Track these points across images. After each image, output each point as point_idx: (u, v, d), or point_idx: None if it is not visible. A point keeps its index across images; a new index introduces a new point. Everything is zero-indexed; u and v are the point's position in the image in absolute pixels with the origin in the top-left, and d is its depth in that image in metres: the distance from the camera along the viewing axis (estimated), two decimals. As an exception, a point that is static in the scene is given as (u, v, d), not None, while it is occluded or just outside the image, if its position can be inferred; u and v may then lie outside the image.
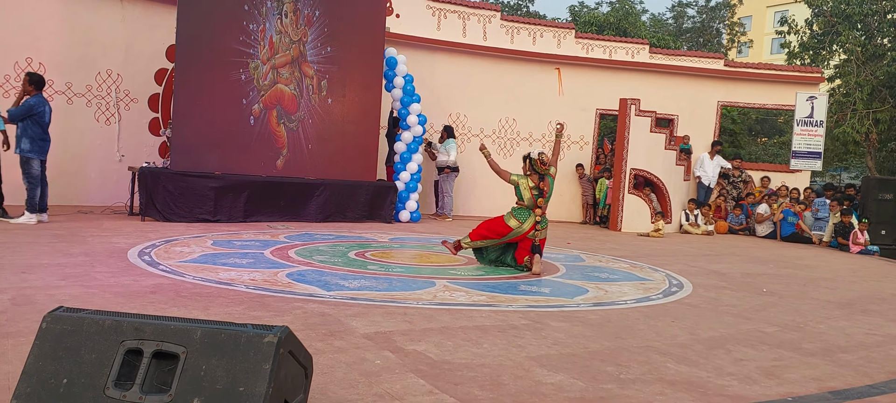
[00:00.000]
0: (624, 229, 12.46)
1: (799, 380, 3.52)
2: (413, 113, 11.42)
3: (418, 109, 11.47)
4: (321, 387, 2.87)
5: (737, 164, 14.94)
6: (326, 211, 10.19)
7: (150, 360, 2.15)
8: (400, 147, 11.46)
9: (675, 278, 6.95)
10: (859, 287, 7.41)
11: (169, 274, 5.24)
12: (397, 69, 11.48)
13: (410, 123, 11.43)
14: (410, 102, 11.46)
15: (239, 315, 4.07)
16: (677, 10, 36.69)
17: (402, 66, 11.52)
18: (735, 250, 10.55)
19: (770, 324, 4.94)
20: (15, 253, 5.68)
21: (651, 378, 3.38)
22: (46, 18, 9.83)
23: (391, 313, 4.40)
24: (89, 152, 10.27)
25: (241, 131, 9.67)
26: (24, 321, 3.60)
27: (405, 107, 11.46)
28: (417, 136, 11.48)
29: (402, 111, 11.48)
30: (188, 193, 8.88)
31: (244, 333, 2.17)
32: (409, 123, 11.44)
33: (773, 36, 36.03)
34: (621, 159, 12.60)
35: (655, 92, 14.24)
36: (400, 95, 11.49)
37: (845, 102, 19.83)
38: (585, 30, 23.77)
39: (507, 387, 3.08)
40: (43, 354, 2.19)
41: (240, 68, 9.57)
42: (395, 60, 11.47)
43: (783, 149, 23.12)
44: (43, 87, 7.96)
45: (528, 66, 14.05)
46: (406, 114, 11.45)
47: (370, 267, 6.26)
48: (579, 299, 5.45)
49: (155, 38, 10.55)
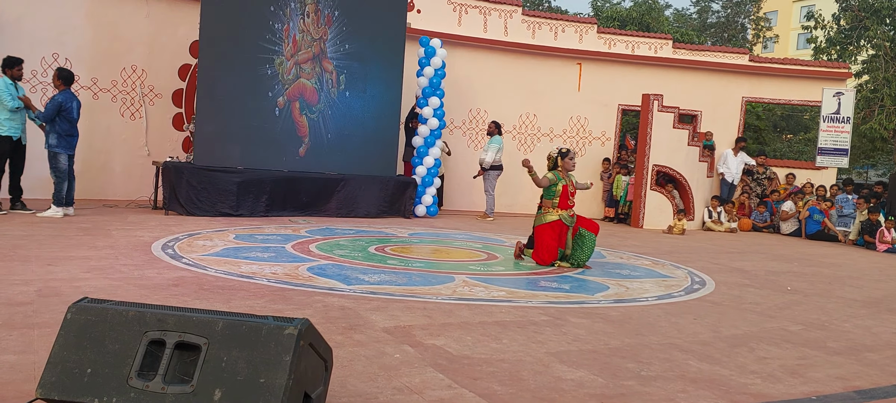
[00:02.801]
0: (646, 226, 12.35)
1: (823, 379, 3.46)
2: (431, 106, 11.37)
3: (437, 104, 11.41)
4: (341, 380, 2.88)
5: (761, 161, 14.73)
6: (347, 205, 10.24)
7: (173, 351, 2.18)
8: (417, 141, 11.43)
9: (697, 275, 6.88)
10: (886, 285, 7.28)
11: (191, 267, 5.30)
12: (433, 60, 11.43)
13: (426, 115, 11.36)
14: (432, 94, 11.41)
15: (260, 307, 4.10)
16: (701, 4, 36.26)
17: (438, 59, 11.45)
18: (759, 248, 10.42)
19: (794, 323, 4.87)
20: (41, 246, 5.78)
21: (672, 375, 3.35)
22: (72, 14, 9.97)
23: (411, 307, 4.41)
24: (115, 147, 10.41)
25: (266, 121, 9.82)
26: (50, 312, 3.66)
27: (425, 97, 11.40)
28: (434, 130, 11.44)
29: (422, 101, 11.43)
30: (211, 188, 8.96)
31: (265, 325, 2.18)
32: (425, 116, 11.38)
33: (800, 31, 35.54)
34: (644, 155, 12.49)
35: (679, 87, 14.08)
36: (425, 84, 11.41)
37: (873, 98, 19.50)
38: (608, 25, 23.58)
39: (527, 383, 3.07)
40: (68, 344, 2.23)
41: (265, 64, 9.73)
42: (434, 50, 11.42)
43: (809, 145, 22.78)
44: (71, 83, 8.11)
45: (549, 61, 13.97)
46: (423, 104, 11.40)
47: (390, 262, 6.28)
48: (600, 295, 5.42)
49: (179, 34, 10.66)
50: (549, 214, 6.75)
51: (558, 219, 6.73)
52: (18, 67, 7.99)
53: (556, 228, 6.73)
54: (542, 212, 6.84)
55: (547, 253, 6.70)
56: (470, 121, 13.70)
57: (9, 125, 7.80)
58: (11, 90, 7.80)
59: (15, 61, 7.96)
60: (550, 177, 6.79)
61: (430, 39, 11.56)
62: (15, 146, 7.95)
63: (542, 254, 6.73)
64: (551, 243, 6.71)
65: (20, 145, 8.03)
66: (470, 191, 13.26)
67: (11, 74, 7.90)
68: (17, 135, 7.92)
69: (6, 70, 7.89)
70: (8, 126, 7.80)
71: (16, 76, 7.95)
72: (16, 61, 7.97)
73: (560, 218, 6.74)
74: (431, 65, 11.47)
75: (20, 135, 7.96)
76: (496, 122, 12.09)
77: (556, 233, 6.73)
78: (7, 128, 7.80)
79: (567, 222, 6.76)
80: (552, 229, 6.73)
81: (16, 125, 7.89)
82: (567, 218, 6.76)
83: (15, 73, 7.94)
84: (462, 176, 13.15)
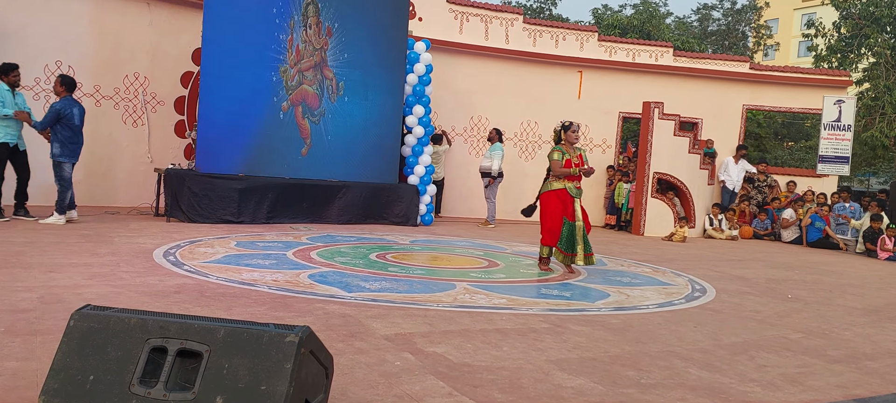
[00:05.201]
0: (647, 233, 12.36)
1: (823, 387, 3.47)
2: (415, 115, 11.20)
3: (421, 112, 11.24)
4: (341, 388, 2.89)
5: (762, 169, 14.75)
6: (348, 213, 10.26)
7: (175, 358, 2.19)
8: (405, 151, 11.35)
9: (697, 283, 6.88)
10: (887, 293, 7.28)
11: (193, 274, 5.31)
12: (415, 66, 11.28)
13: (410, 124, 11.23)
14: (415, 103, 11.27)
15: (261, 315, 4.12)
16: (702, 12, 36.32)
17: (421, 65, 11.31)
18: (760, 255, 10.42)
19: (795, 331, 4.88)
20: (43, 253, 5.79)
21: (672, 383, 3.35)
22: (75, 22, 10.02)
23: (411, 315, 4.42)
24: (117, 154, 10.45)
25: (269, 128, 9.88)
26: (52, 319, 3.67)
27: (408, 106, 11.26)
28: (421, 138, 11.33)
29: (405, 109, 11.30)
30: (212, 195, 8.99)
31: (266, 332, 2.20)
32: (409, 124, 11.25)
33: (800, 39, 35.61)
34: (644, 163, 12.51)
35: (679, 95, 14.13)
36: (408, 92, 11.28)
37: (874, 106, 19.52)
38: (609, 33, 23.66)
39: (527, 390, 3.08)
40: (70, 351, 2.24)
41: (269, 71, 9.81)
42: (417, 56, 11.32)
43: (810, 153, 22.80)
44: (73, 90, 8.08)
45: (550, 68, 14.02)
46: (407, 112, 11.28)
47: (391, 269, 6.29)
48: (600, 303, 5.43)
49: (181, 42, 10.71)
50: (556, 182, 6.77)
51: (564, 189, 6.75)
52: (15, 73, 7.95)
53: (562, 196, 6.73)
54: (548, 181, 6.85)
55: (549, 234, 6.73)
56: (471, 128, 13.74)
57: (4, 132, 7.80)
58: (7, 96, 7.80)
59: (11, 67, 7.94)
60: (556, 156, 6.78)
61: (415, 42, 11.34)
62: (13, 152, 7.94)
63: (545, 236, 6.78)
64: (556, 216, 6.69)
65: (18, 151, 8.02)
66: (469, 198, 13.31)
67: (8, 81, 7.87)
68: (14, 141, 7.91)
69: (2, 76, 7.87)
70: (3, 132, 7.80)
71: (13, 82, 7.92)
72: (11, 67, 7.94)
73: (566, 188, 6.76)
74: (415, 71, 11.30)
75: (17, 141, 7.97)
76: (497, 130, 12.12)
77: (560, 203, 6.72)
78: (3, 135, 7.81)
79: (573, 193, 6.77)
80: (557, 197, 6.73)
81: (11, 132, 7.87)
82: (573, 190, 6.77)
83: (11, 80, 7.90)
84: (462, 182, 13.17)
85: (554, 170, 6.77)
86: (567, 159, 6.76)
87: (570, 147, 6.86)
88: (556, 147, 6.87)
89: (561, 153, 6.77)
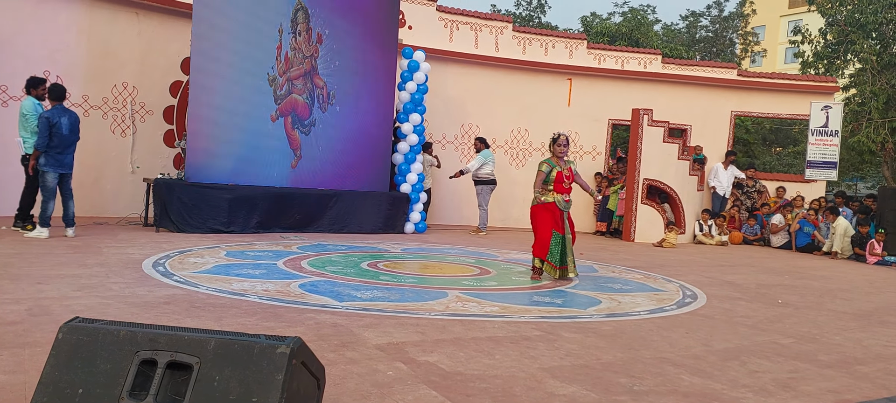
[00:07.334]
0: (637, 239, 12.39)
1: (815, 392, 3.48)
2: (411, 123, 11.23)
3: (418, 120, 11.28)
4: (333, 398, 2.87)
5: (751, 174, 14.82)
6: (339, 221, 10.24)
7: (165, 370, 2.17)
8: (397, 158, 11.34)
9: (688, 289, 6.90)
10: (876, 298, 7.33)
11: (183, 284, 5.28)
12: (415, 75, 11.29)
13: (405, 132, 11.24)
14: (412, 111, 11.30)
15: (252, 325, 4.09)
16: (690, 20, 36.55)
17: (421, 74, 11.30)
18: (750, 261, 10.47)
19: (785, 336, 4.90)
20: (32, 264, 5.74)
21: (664, 389, 3.36)
22: (64, 32, 9.96)
23: (403, 324, 4.40)
24: (105, 164, 10.37)
25: (258, 138, 9.85)
26: (41, 331, 3.63)
27: (405, 112, 11.28)
28: (414, 146, 11.33)
29: (401, 116, 11.32)
30: (202, 204, 8.94)
31: (257, 344, 2.18)
32: (404, 132, 11.26)
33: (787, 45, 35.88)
34: (634, 169, 12.56)
35: (668, 102, 14.20)
36: (406, 99, 11.29)
37: (860, 112, 19.68)
38: (597, 40, 23.76)
39: (520, 398, 3.07)
40: (59, 364, 2.22)
41: (258, 80, 9.78)
42: (417, 64, 11.31)
43: (798, 158, 22.94)
44: (62, 99, 7.92)
45: (540, 76, 14.06)
46: (404, 119, 11.30)
47: (382, 278, 6.27)
48: (592, 310, 5.43)
49: (170, 51, 10.67)
50: (545, 196, 6.79)
51: (553, 202, 6.76)
52: (43, 87, 8.05)
53: (551, 209, 6.76)
54: (538, 194, 6.86)
55: (540, 245, 6.75)
56: (462, 136, 13.75)
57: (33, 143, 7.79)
58: (39, 110, 7.84)
59: (39, 81, 8.06)
60: (544, 168, 6.80)
61: (413, 51, 11.39)
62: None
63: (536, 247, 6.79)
64: (545, 228, 6.72)
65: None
66: (460, 206, 13.31)
67: (36, 94, 7.99)
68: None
69: (31, 90, 7.97)
70: (30, 145, 7.84)
71: (40, 96, 8.02)
72: (40, 81, 8.07)
73: (555, 201, 6.77)
74: (414, 79, 11.32)
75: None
76: (481, 138, 12.19)
77: (550, 216, 6.74)
78: (29, 148, 7.86)
79: (561, 206, 6.79)
80: (546, 210, 6.75)
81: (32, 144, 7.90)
82: (562, 203, 6.79)
83: (39, 93, 8.01)
84: (452, 190, 13.17)
85: (534, 185, 6.83)
86: (558, 172, 6.77)
87: (559, 159, 6.86)
88: (545, 159, 6.89)
89: (549, 165, 6.79)
